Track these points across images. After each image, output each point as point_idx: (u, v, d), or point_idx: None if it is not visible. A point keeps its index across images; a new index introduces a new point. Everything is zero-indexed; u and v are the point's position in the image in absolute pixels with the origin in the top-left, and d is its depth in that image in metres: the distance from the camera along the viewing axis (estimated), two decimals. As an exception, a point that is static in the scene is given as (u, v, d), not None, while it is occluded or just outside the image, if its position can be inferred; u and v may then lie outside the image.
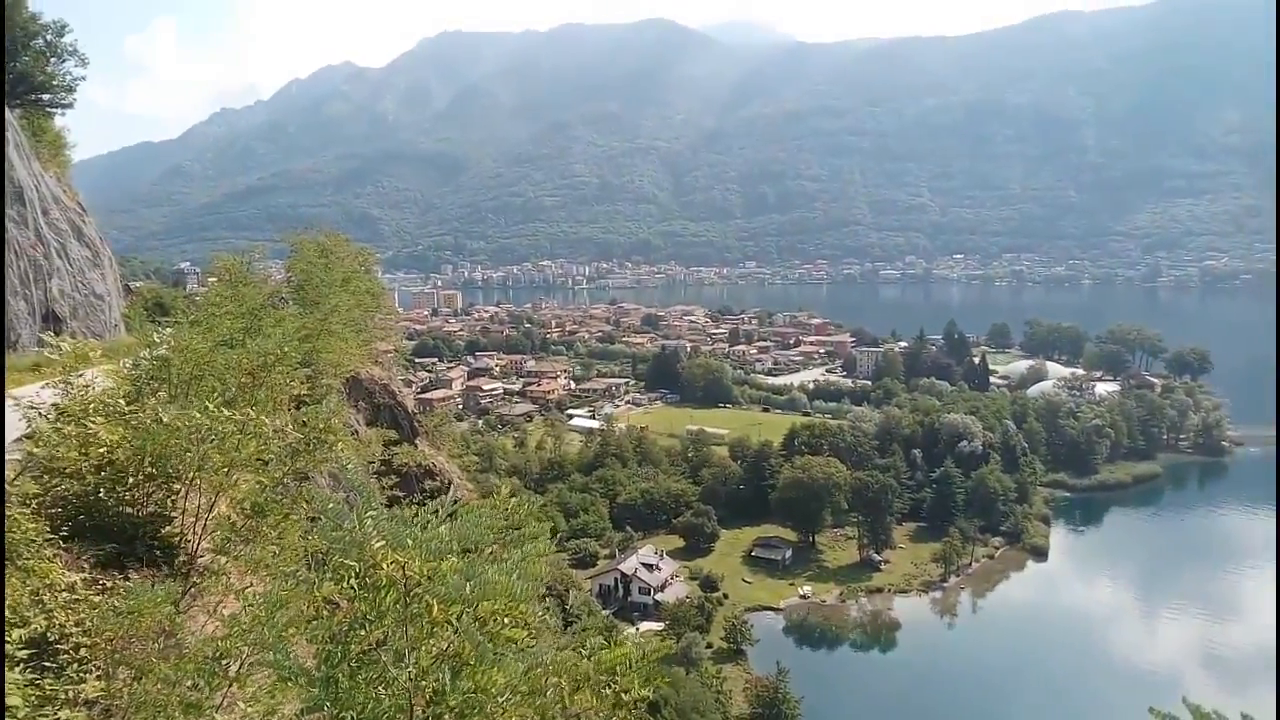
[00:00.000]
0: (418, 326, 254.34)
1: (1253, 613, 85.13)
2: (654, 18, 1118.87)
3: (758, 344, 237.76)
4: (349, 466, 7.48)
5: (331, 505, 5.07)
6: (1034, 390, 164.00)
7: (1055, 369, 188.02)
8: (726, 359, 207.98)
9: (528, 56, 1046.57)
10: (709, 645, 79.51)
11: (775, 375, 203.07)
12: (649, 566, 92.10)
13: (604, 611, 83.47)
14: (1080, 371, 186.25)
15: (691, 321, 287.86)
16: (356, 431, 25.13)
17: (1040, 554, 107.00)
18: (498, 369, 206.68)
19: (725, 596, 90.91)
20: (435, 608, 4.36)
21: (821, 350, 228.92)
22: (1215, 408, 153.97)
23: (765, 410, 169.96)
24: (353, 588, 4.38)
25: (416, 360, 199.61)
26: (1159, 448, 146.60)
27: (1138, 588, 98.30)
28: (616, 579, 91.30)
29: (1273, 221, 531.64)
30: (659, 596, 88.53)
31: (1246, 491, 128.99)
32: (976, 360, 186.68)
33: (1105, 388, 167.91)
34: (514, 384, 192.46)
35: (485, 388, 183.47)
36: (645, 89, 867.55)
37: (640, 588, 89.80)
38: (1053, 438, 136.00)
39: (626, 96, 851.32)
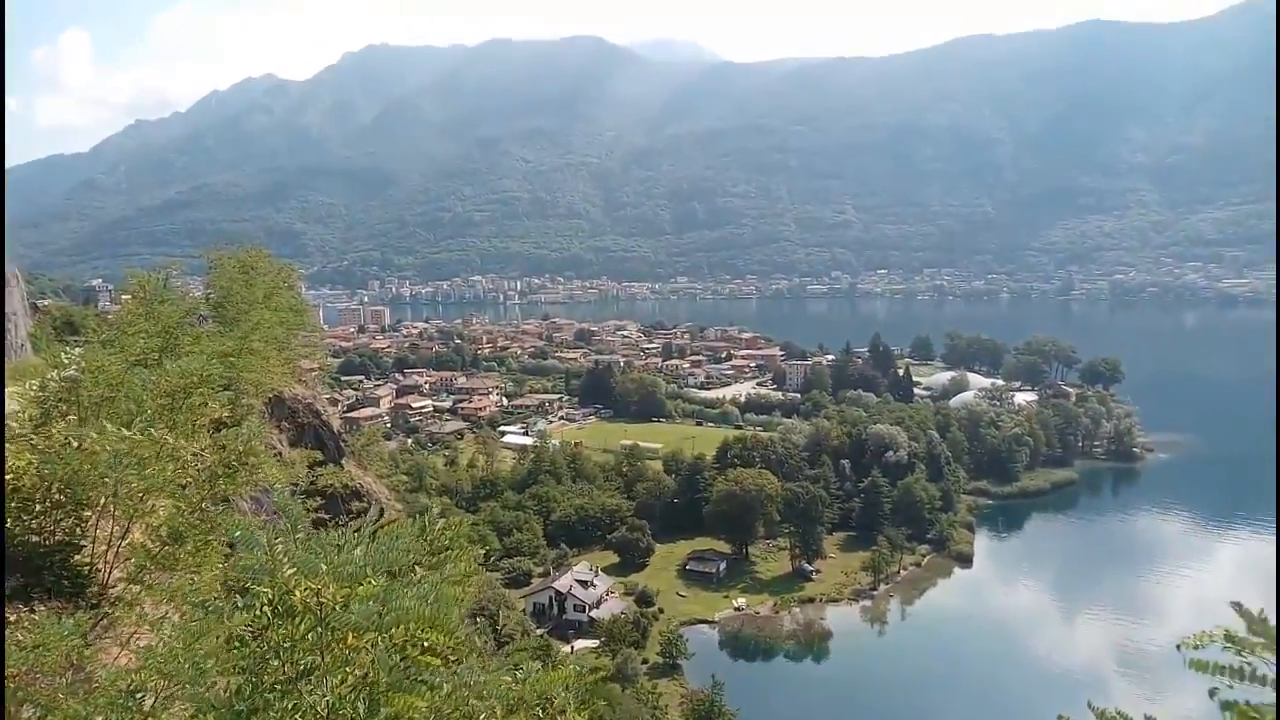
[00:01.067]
0: (344, 344, 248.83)
1: (1165, 614, 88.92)
2: (582, 35, 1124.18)
3: (690, 358, 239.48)
4: (276, 488, 7.24)
5: (240, 532, 4.88)
6: (956, 401, 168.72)
7: (976, 380, 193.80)
8: (660, 373, 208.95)
9: (455, 71, 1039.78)
10: (645, 661, 79.29)
11: (708, 389, 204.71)
12: (584, 583, 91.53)
13: (538, 631, 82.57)
14: (1000, 382, 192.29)
15: (625, 336, 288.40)
16: (280, 453, 24.40)
17: (965, 560, 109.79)
18: (427, 386, 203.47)
19: (660, 611, 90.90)
20: (350, 635, 4.24)
21: (752, 364, 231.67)
22: (1126, 415, 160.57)
23: (699, 424, 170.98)
24: (266, 616, 4.27)
25: (343, 378, 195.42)
26: (1075, 455, 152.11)
27: (1058, 591, 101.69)
28: (551, 597, 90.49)
29: (1176, 237, 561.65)
30: (594, 613, 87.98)
31: (1156, 496, 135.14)
32: (901, 372, 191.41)
33: (1024, 397, 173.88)
34: (444, 401, 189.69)
35: (414, 405, 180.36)
36: (575, 105, 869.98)
37: (575, 605, 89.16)
38: (975, 446, 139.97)
39: (556, 113, 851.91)
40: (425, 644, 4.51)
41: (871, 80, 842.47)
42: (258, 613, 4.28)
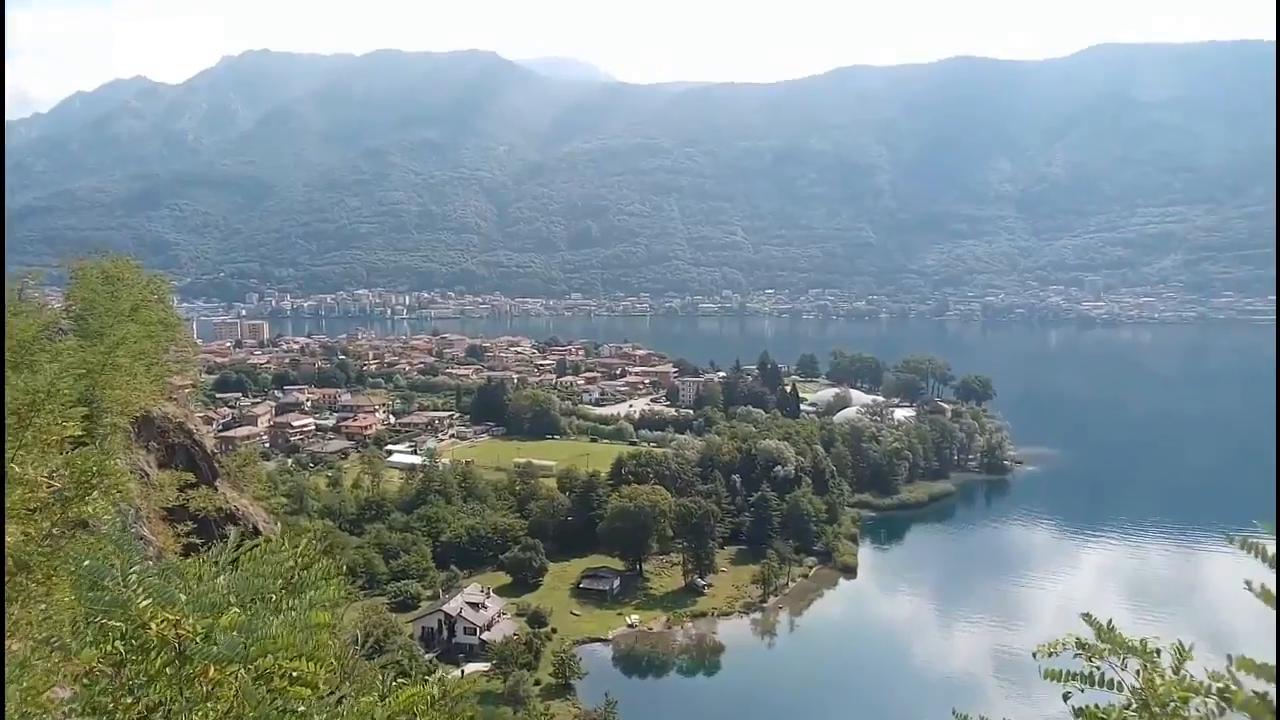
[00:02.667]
0: (219, 359, 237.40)
1: (1036, 620, 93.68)
2: (474, 49, 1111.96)
3: (585, 375, 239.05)
4: (105, 517, 6.62)
5: (88, 561, 4.32)
6: (840, 416, 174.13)
7: (858, 396, 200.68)
8: (554, 390, 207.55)
9: (341, 80, 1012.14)
10: (537, 682, 78.08)
11: (602, 405, 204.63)
12: (475, 605, 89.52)
13: (427, 655, 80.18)
14: (880, 398, 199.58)
15: (518, 352, 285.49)
16: (147, 474, 22.83)
17: (850, 571, 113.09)
18: (309, 403, 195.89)
19: (553, 631, 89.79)
20: (212, 668, 4.04)
21: (646, 380, 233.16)
22: (998, 430, 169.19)
23: (593, 440, 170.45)
24: (119, 651, 4.04)
25: (218, 396, 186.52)
26: (951, 468, 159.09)
27: (938, 600, 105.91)
28: (440, 620, 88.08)
29: (1040, 262, 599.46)
30: (485, 636, 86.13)
31: (1026, 506, 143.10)
32: (788, 389, 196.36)
33: (903, 413, 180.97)
34: (327, 419, 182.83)
35: (295, 424, 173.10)
36: (466, 119, 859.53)
37: (466, 628, 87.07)
38: (858, 461, 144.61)
39: (447, 125, 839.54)
40: (294, 674, 4.28)
41: (758, 106, 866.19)
42: (110, 648, 4.05)
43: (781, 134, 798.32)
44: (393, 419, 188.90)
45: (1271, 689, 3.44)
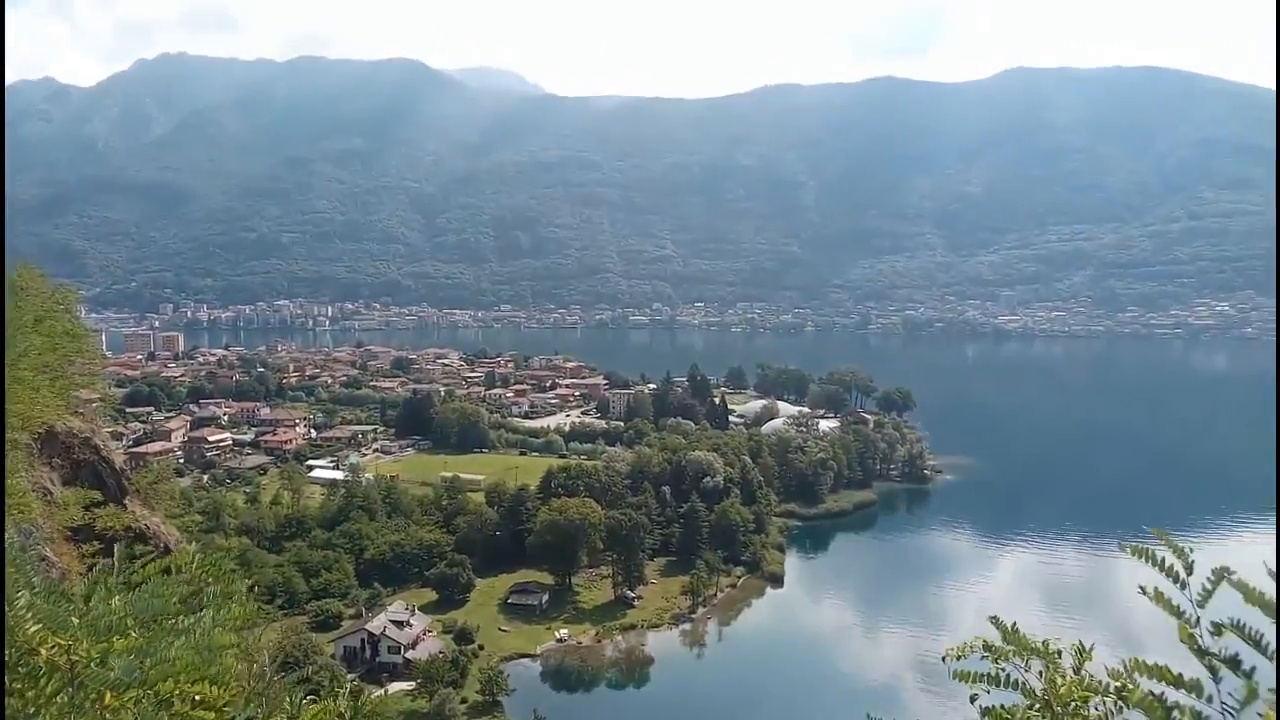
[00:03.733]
0: (130, 372, 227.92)
1: (956, 624, 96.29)
2: (400, 57, 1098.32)
3: (514, 387, 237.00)
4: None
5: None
6: (767, 427, 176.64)
7: (785, 408, 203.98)
8: (482, 403, 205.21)
9: (261, 86, 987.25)
10: (464, 700, 76.74)
11: (532, 418, 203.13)
12: (399, 624, 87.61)
13: (349, 676, 78.08)
14: (806, 410, 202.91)
15: (445, 365, 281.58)
16: (50, 492, 21.78)
17: (777, 581, 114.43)
18: (226, 418, 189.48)
19: (481, 648, 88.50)
20: (108, 694, 3.84)
21: (577, 393, 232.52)
22: (918, 440, 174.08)
23: (523, 453, 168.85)
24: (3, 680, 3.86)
25: (128, 410, 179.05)
26: (874, 477, 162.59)
27: (862, 607, 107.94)
28: (363, 639, 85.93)
29: (959, 277, 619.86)
30: (410, 654, 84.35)
31: (945, 514, 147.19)
32: (717, 401, 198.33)
33: (827, 424, 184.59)
34: (245, 434, 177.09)
35: (211, 439, 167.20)
36: (392, 127, 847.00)
37: (390, 647, 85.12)
38: (784, 471, 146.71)
39: (372, 134, 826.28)
40: (196, 697, 4.09)
41: (687, 121, 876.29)
42: None
43: (710, 149, 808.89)
44: (314, 433, 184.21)
45: (1164, 689, 3.59)
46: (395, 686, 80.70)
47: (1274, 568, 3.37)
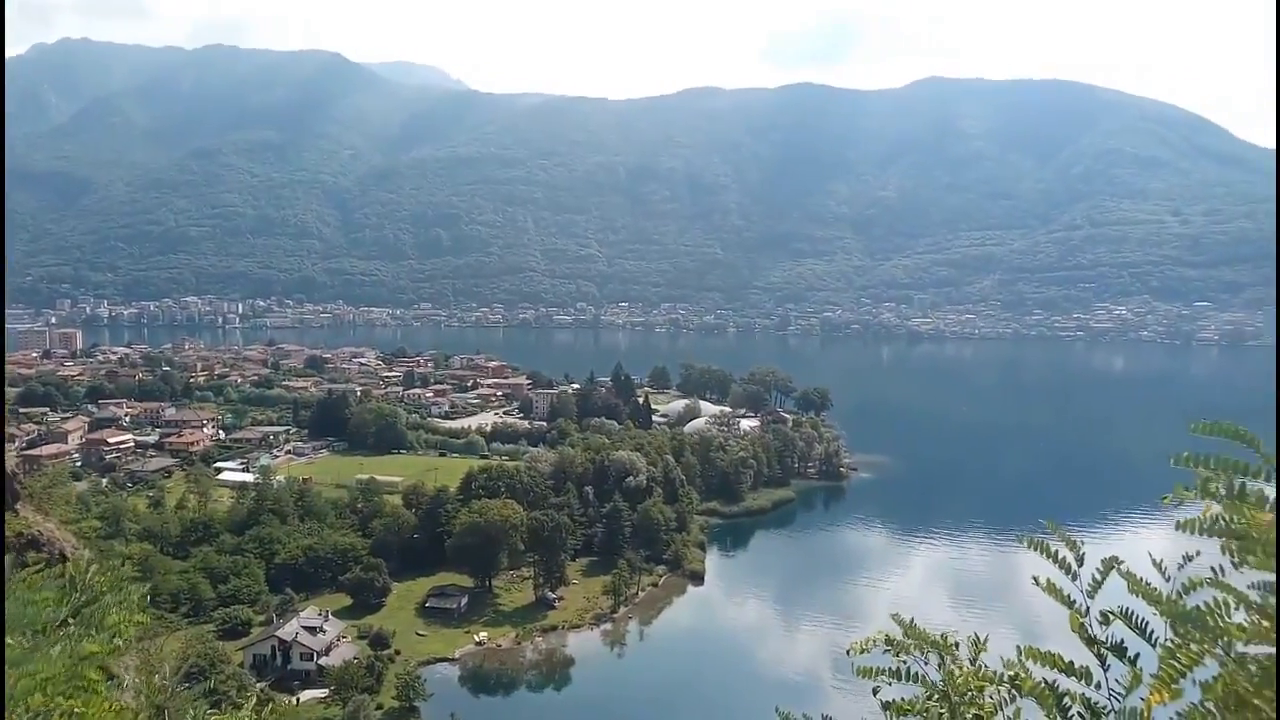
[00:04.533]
0: (24, 370, 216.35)
1: (871, 618, 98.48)
2: (316, 49, 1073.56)
3: (434, 387, 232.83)
4: None
5: None
6: (690, 427, 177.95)
7: (707, 407, 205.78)
8: (400, 403, 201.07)
9: (169, 75, 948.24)
10: (379, 706, 74.90)
11: (452, 418, 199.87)
12: (312, 630, 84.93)
13: (259, 684, 75.33)
14: (728, 409, 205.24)
15: (362, 364, 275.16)
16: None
17: (698, 578, 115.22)
18: (128, 418, 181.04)
19: (397, 653, 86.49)
20: None
21: (499, 393, 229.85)
22: (835, 439, 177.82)
23: (442, 455, 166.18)
24: None
25: (21, 410, 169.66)
26: (792, 475, 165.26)
27: (781, 603, 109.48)
28: (274, 647, 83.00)
29: (874, 280, 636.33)
30: (323, 660, 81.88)
31: (860, 510, 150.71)
32: (641, 400, 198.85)
33: (748, 423, 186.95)
34: (149, 435, 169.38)
35: (112, 440, 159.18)
36: (307, 120, 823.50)
37: (302, 654, 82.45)
38: (706, 469, 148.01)
39: (286, 126, 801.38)
40: (74, 712, 3.91)
41: (610, 121, 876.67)
42: None
43: (634, 150, 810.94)
44: (223, 434, 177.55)
45: (1056, 676, 3.74)
46: (308, 694, 78.35)
47: (1159, 558, 3.79)
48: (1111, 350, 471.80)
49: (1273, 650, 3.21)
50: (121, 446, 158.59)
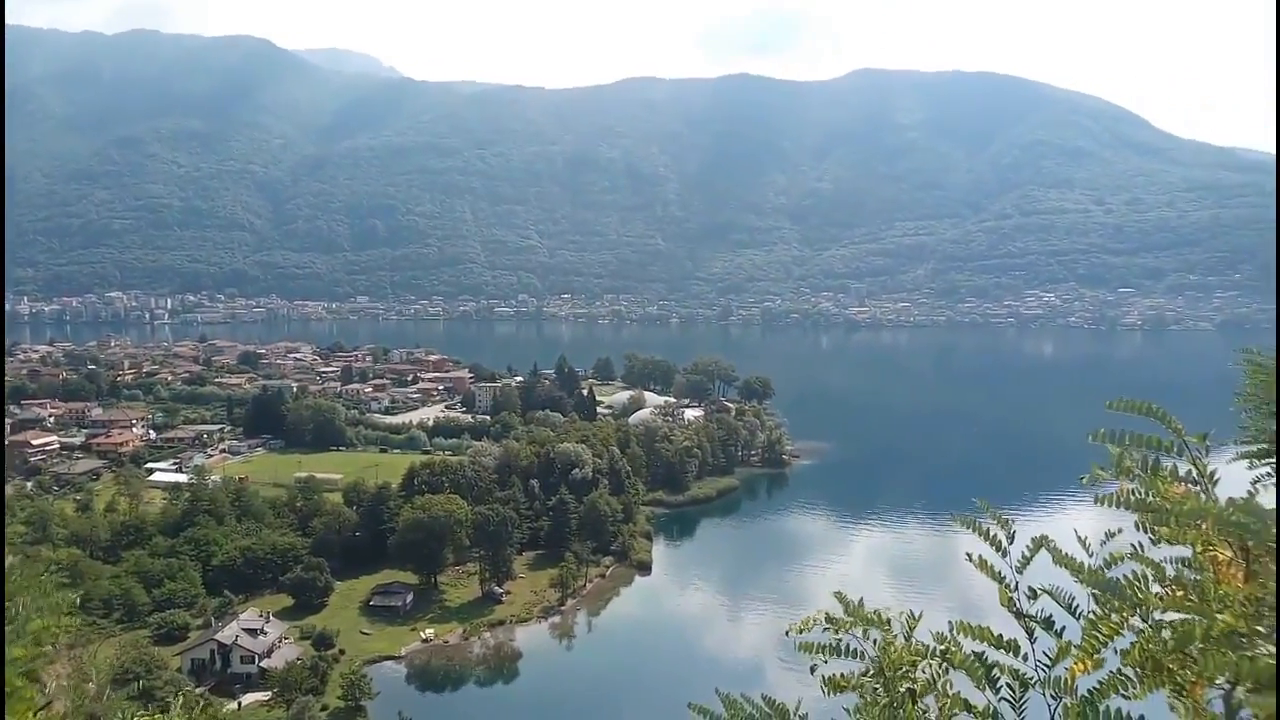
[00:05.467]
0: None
1: (815, 601, 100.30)
2: (243, 34, 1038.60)
3: (373, 382, 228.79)
4: None
5: None
6: (635, 418, 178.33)
7: (652, 398, 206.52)
8: (339, 399, 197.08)
9: (88, 61, 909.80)
10: (324, 707, 73.79)
11: (393, 414, 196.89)
12: (252, 632, 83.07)
13: (198, 689, 73.41)
14: (672, 400, 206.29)
15: (297, 359, 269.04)
16: None
17: (645, 568, 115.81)
18: (53, 419, 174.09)
19: (341, 652, 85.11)
20: None
21: (440, 387, 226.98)
22: (777, 427, 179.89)
23: (383, 451, 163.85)
24: None
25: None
26: (736, 463, 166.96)
27: (727, 589, 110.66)
28: (213, 650, 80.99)
29: (812, 270, 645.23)
30: (265, 663, 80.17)
31: (803, 497, 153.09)
32: (585, 392, 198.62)
33: (692, 413, 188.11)
34: (75, 436, 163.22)
35: (36, 442, 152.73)
36: (235, 109, 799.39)
37: (242, 656, 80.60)
38: (652, 460, 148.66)
39: (213, 115, 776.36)
40: None
41: (548, 111, 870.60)
42: None
43: (573, 140, 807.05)
44: (153, 434, 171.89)
45: (986, 649, 3.92)
46: (250, 697, 76.77)
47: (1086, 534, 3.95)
48: (1041, 336, 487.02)
49: (1184, 616, 3.38)
50: (46, 448, 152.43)
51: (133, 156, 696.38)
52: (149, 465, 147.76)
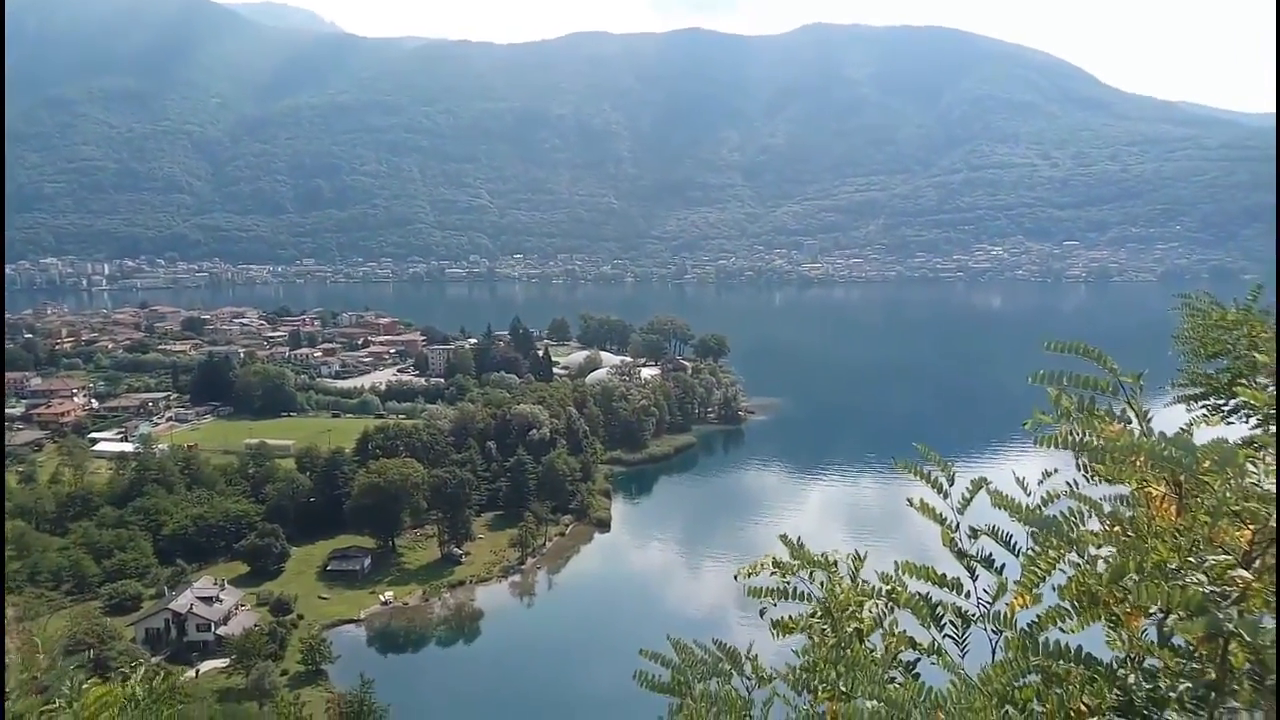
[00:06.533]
0: None
1: (767, 551, 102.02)
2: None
3: (322, 346, 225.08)
4: None
5: None
6: (592, 378, 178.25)
7: (608, 358, 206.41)
8: (288, 364, 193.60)
9: (10, 17, 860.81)
10: (284, 672, 73.59)
11: (344, 378, 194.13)
12: (207, 600, 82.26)
13: (154, 659, 72.66)
14: (628, 359, 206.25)
15: (244, 324, 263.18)
16: None
17: (604, 526, 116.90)
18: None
19: (300, 617, 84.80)
20: None
21: (392, 350, 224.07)
22: (733, 384, 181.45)
23: (335, 416, 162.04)
24: None
25: None
26: (693, 421, 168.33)
27: (685, 544, 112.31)
28: (168, 620, 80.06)
29: (765, 227, 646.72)
30: (222, 630, 79.53)
31: (759, 452, 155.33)
32: (541, 353, 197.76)
33: (649, 372, 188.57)
34: (15, 407, 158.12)
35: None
36: (169, 66, 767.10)
37: (198, 625, 79.86)
38: (609, 419, 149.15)
39: (146, 73, 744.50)
40: None
41: (496, 66, 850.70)
42: None
43: (521, 96, 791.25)
44: (96, 403, 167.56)
45: (930, 589, 4.02)
46: (207, 665, 76.25)
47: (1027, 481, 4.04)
48: (989, 290, 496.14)
49: (1117, 550, 3.51)
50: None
51: (62, 117, 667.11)
52: (92, 435, 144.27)
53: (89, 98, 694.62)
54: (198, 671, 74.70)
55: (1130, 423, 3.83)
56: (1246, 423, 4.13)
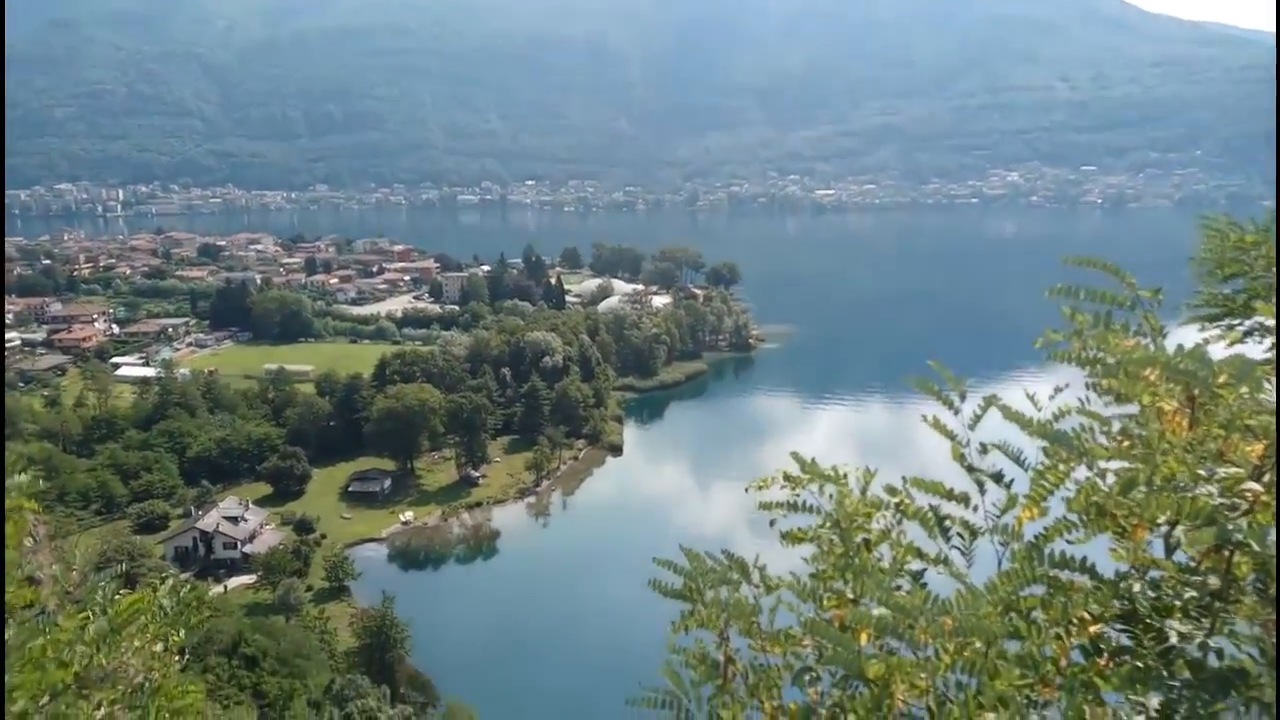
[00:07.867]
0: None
1: (775, 471, 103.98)
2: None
3: (338, 273, 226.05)
4: None
5: None
6: (603, 306, 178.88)
7: (620, 286, 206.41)
8: (304, 290, 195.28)
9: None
10: (309, 588, 76.45)
11: (360, 305, 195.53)
12: (233, 519, 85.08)
13: (183, 575, 75.71)
14: (640, 287, 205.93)
15: (259, 251, 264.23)
16: None
17: (617, 450, 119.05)
18: (11, 315, 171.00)
19: (323, 536, 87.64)
20: None
21: (407, 277, 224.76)
22: (743, 311, 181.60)
23: (353, 342, 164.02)
24: None
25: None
26: (704, 348, 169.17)
27: (696, 467, 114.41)
28: (196, 538, 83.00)
29: (779, 153, 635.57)
30: (248, 548, 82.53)
31: (769, 379, 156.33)
32: (553, 281, 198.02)
33: (660, 300, 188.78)
34: (36, 332, 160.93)
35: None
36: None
37: (225, 543, 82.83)
38: (621, 347, 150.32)
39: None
40: None
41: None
42: None
43: (532, 18, 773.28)
44: (116, 329, 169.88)
45: (938, 501, 4.06)
46: (235, 581, 79.31)
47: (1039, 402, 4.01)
48: (1003, 215, 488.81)
49: (1126, 464, 3.55)
50: (8, 345, 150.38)
51: (69, 39, 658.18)
52: (114, 360, 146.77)
53: (95, 19, 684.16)
54: (225, 587, 77.86)
55: (1145, 338, 3.82)
56: (1261, 343, 4.20)
